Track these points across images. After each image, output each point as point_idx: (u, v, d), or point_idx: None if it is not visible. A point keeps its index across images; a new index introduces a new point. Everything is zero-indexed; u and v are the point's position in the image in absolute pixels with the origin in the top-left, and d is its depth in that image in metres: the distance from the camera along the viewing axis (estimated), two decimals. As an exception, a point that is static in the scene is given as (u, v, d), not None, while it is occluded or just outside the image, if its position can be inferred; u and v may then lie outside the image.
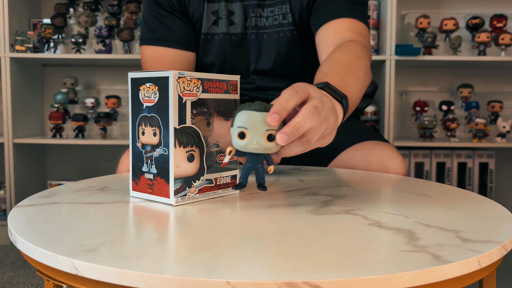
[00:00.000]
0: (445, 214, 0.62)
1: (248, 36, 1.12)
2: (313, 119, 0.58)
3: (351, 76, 0.81)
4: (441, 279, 0.43)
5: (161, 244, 0.49)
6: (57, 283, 0.50)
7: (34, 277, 1.75)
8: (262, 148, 0.59)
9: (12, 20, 2.14)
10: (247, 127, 0.59)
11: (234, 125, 0.60)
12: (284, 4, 1.09)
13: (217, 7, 1.11)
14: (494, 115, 2.24)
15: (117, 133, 2.41)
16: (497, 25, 2.20)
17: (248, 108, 0.59)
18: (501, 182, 2.43)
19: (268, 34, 1.11)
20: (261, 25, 1.12)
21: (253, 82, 1.15)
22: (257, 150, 0.59)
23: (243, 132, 0.59)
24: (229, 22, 1.12)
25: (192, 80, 0.65)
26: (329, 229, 0.54)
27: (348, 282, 0.40)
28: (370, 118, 2.23)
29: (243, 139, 0.59)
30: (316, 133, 0.59)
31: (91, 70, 2.43)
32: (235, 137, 0.59)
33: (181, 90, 0.63)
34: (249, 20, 1.11)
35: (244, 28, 1.12)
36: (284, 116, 0.57)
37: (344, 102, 0.70)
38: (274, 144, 0.59)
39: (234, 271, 0.41)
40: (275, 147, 0.59)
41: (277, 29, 1.11)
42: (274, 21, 1.11)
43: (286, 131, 0.56)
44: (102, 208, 0.64)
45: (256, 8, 1.11)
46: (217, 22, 1.12)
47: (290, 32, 1.10)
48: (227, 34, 1.12)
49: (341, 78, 0.77)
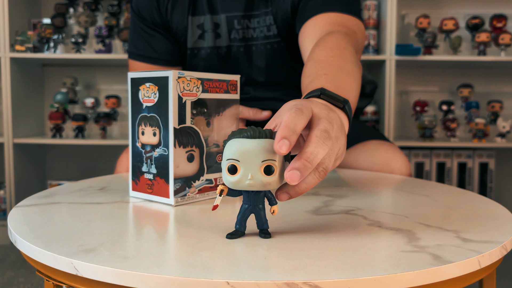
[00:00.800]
0: (445, 214, 0.62)
1: (235, 49, 1.08)
2: (326, 146, 0.48)
3: (341, 73, 0.71)
4: (441, 279, 0.43)
5: (161, 244, 0.49)
6: (57, 283, 0.50)
7: (34, 277, 1.75)
8: (259, 184, 0.47)
9: (12, 20, 2.14)
10: (238, 159, 0.47)
11: (223, 158, 0.49)
12: (267, 16, 1.05)
13: (202, 20, 1.08)
14: (494, 115, 2.24)
15: (117, 133, 2.41)
16: (497, 25, 2.20)
17: (239, 135, 0.48)
18: (501, 182, 2.43)
19: (256, 46, 1.08)
20: (248, 37, 1.08)
21: (247, 93, 1.13)
22: (253, 187, 0.48)
23: (234, 166, 0.47)
24: (215, 35, 1.08)
25: (192, 80, 0.65)
26: (329, 229, 0.54)
27: (348, 282, 0.40)
28: (370, 118, 2.23)
29: (235, 174, 0.48)
30: (332, 159, 0.50)
31: (91, 70, 2.43)
32: (225, 172, 0.48)
33: (181, 90, 0.63)
34: (233, 32, 1.07)
35: (229, 40, 1.08)
36: (294, 141, 0.46)
37: (347, 108, 0.61)
38: (275, 178, 0.48)
39: (234, 271, 0.41)
40: (276, 182, 0.48)
41: (264, 41, 1.07)
42: (261, 33, 1.07)
43: (298, 167, 0.46)
44: (102, 208, 0.64)
45: (242, 19, 1.06)
46: (203, 35, 1.08)
47: (277, 44, 1.06)
48: (214, 48, 1.09)
49: (333, 78, 0.67)
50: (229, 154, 0.48)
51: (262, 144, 0.47)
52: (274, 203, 0.51)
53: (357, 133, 1.07)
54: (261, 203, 0.51)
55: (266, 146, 0.47)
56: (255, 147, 0.47)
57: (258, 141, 0.47)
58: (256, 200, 0.51)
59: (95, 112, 2.30)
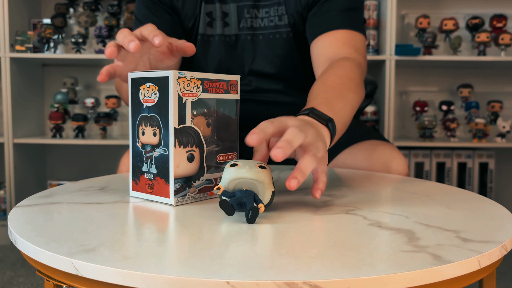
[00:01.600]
0: (445, 214, 0.62)
1: (243, 37, 1.11)
2: (300, 135, 0.59)
3: (339, 99, 0.82)
4: (441, 279, 0.43)
5: (161, 244, 0.49)
6: (57, 283, 0.50)
7: (34, 277, 1.75)
8: (253, 173, 0.58)
9: (12, 20, 2.14)
10: (238, 163, 0.59)
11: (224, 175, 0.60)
12: (280, 6, 1.08)
13: (212, 8, 1.11)
14: (494, 115, 2.24)
15: (117, 133, 2.41)
16: (497, 25, 2.20)
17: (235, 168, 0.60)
18: (501, 182, 2.43)
19: (263, 35, 1.11)
20: (256, 26, 1.11)
21: (249, 84, 1.14)
22: (249, 174, 0.58)
23: (235, 163, 0.59)
24: (223, 23, 1.11)
25: (192, 80, 0.65)
26: (329, 229, 0.54)
27: (348, 282, 0.40)
28: (370, 118, 2.23)
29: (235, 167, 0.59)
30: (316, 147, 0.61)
31: (91, 70, 2.43)
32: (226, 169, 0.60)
33: (181, 90, 0.63)
34: (243, 21, 1.10)
35: (238, 29, 1.11)
36: (262, 138, 0.57)
37: (330, 125, 0.71)
38: (266, 173, 0.59)
39: (234, 271, 0.41)
40: (266, 176, 0.59)
41: (273, 31, 1.10)
42: (270, 22, 1.10)
43: (279, 145, 0.56)
44: (102, 208, 0.64)
45: (251, 8, 1.10)
46: (212, 23, 1.11)
47: (286, 34, 1.09)
48: (222, 36, 1.11)
49: (330, 102, 0.79)
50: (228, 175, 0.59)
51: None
52: (260, 201, 0.58)
53: (356, 133, 1.08)
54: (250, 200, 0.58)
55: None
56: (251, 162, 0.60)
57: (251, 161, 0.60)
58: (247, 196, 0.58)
59: (95, 112, 2.30)
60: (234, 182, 0.58)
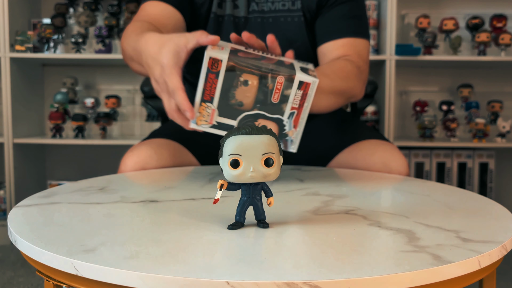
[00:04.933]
0: (445, 214, 0.62)
1: (253, 20, 1.13)
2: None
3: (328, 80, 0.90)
4: (441, 279, 0.43)
5: (161, 244, 0.49)
6: (57, 283, 0.50)
7: (34, 277, 1.75)
8: (260, 176, 0.51)
9: (12, 20, 2.14)
10: (240, 153, 0.51)
11: (223, 154, 0.53)
12: None
13: None
14: (494, 115, 2.24)
15: (117, 133, 2.41)
16: (497, 25, 2.20)
17: (237, 132, 0.52)
18: (501, 182, 2.43)
19: (274, 18, 1.13)
20: (266, 9, 1.13)
21: None
22: (255, 179, 0.51)
23: (237, 160, 0.51)
24: (233, 5, 1.14)
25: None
26: (329, 229, 0.54)
27: (348, 282, 0.40)
28: (370, 118, 2.23)
29: (237, 168, 0.51)
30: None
31: (91, 70, 2.43)
32: (227, 166, 0.52)
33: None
34: (252, 4, 1.13)
35: (248, 12, 1.14)
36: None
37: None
38: (274, 170, 0.52)
39: (234, 271, 0.41)
40: (275, 173, 0.52)
41: (285, 14, 1.13)
42: (282, 6, 1.13)
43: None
44: (102, 208, 0.64)
45: None
46: (221, 4, 1.14)
47: (298, 18, 1.12)
48: (232, 17, 1.14)
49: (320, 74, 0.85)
50: (230, 150, 0.51)
51: (261, 139, 0.51)
52: (270, 195, 0.55)
53: (356, 132, 1.08)
54: (258, 195, 0.54)
55: (265, 141, 0.52)
56: (256, 142, 0.51)
57: (257, 136, 0.52)
58: (254, 192, 0.54)
59: (95, 112, 2.30)
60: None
